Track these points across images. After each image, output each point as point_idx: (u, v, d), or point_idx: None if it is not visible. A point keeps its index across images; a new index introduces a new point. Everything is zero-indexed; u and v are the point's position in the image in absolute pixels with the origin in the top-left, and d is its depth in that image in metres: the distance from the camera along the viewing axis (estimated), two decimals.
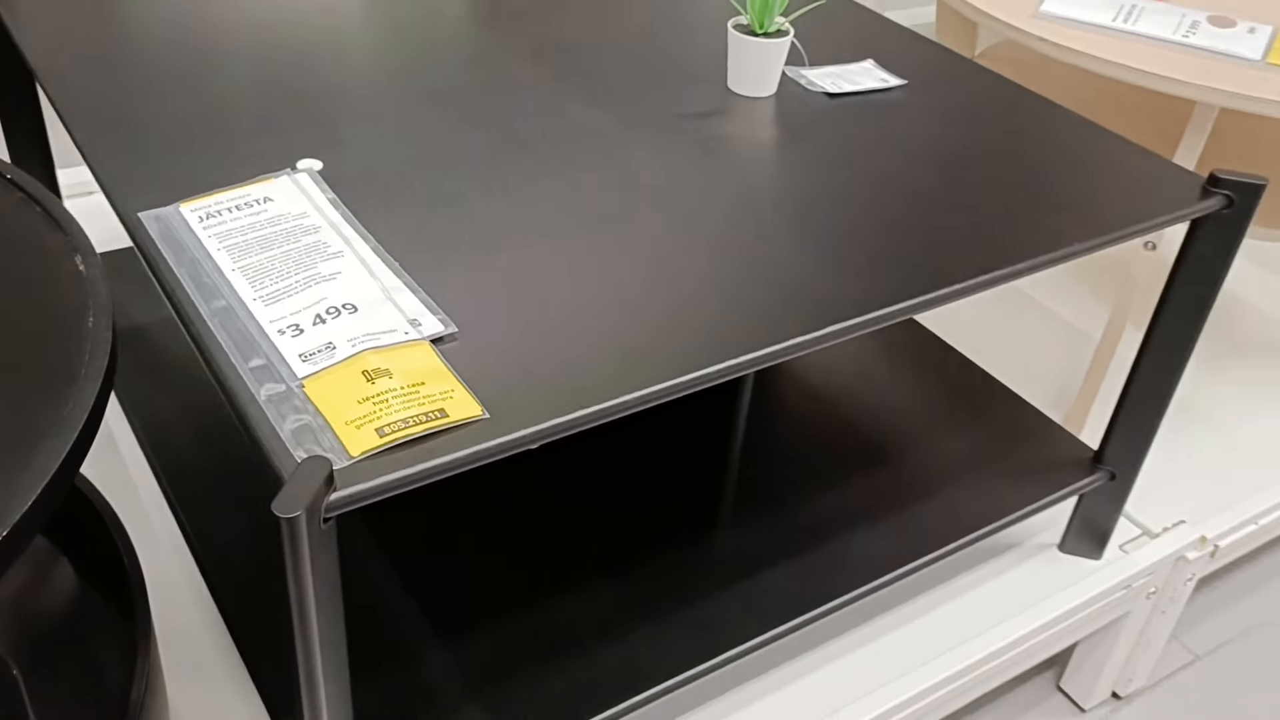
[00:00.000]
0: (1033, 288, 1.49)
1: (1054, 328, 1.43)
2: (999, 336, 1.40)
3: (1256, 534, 1.18)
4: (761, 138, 0.92)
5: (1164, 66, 1.04)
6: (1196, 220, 0.91)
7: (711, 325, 0.70)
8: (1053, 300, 1.47)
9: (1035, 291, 1.49)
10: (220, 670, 0.91)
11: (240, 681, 0.90)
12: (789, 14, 1.10)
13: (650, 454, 1.03)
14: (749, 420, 1.08)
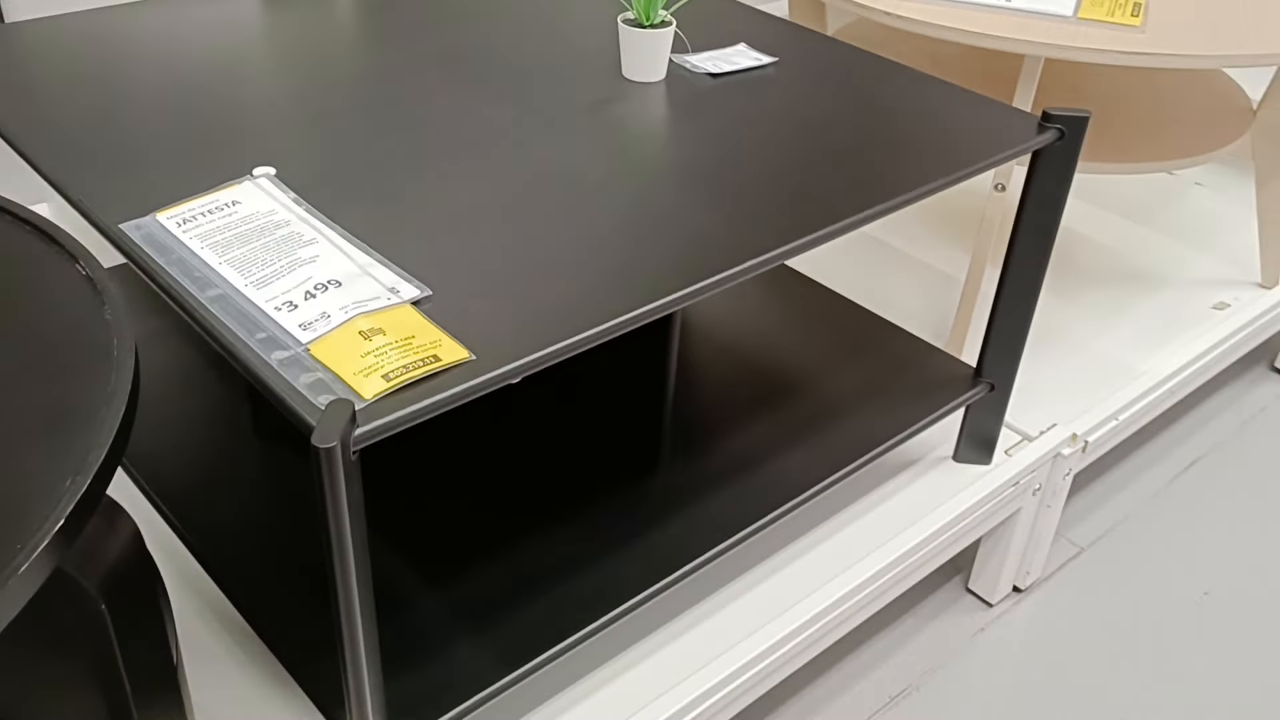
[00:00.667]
0: (905, 244, 1.65)
1: (926, 275, 1.58)
2: (878, 287, 1.55)
3: (1118, 428, 1.35)
4: (659, 115, 1.04)
5: (993, 28, 1.19)
6: (1036, 153, 1.06)
7: (639, 270, 0.81)
8: (923, 253, 1.63)
9: (907, 247, 1.64)
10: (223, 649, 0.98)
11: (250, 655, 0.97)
12: (668, 7, 1.22)
13: (588, 403, 1.14)
14: (673, 366, 1.19)
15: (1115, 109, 1.49)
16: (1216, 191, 1.83)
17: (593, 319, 0.76)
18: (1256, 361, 1.82)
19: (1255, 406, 1.73)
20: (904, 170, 0.98)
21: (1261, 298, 1.56)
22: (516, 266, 0.81)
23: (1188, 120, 1.47)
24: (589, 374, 1.19)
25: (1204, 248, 1.68)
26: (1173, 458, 1.62)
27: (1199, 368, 1.45)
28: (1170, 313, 1.53)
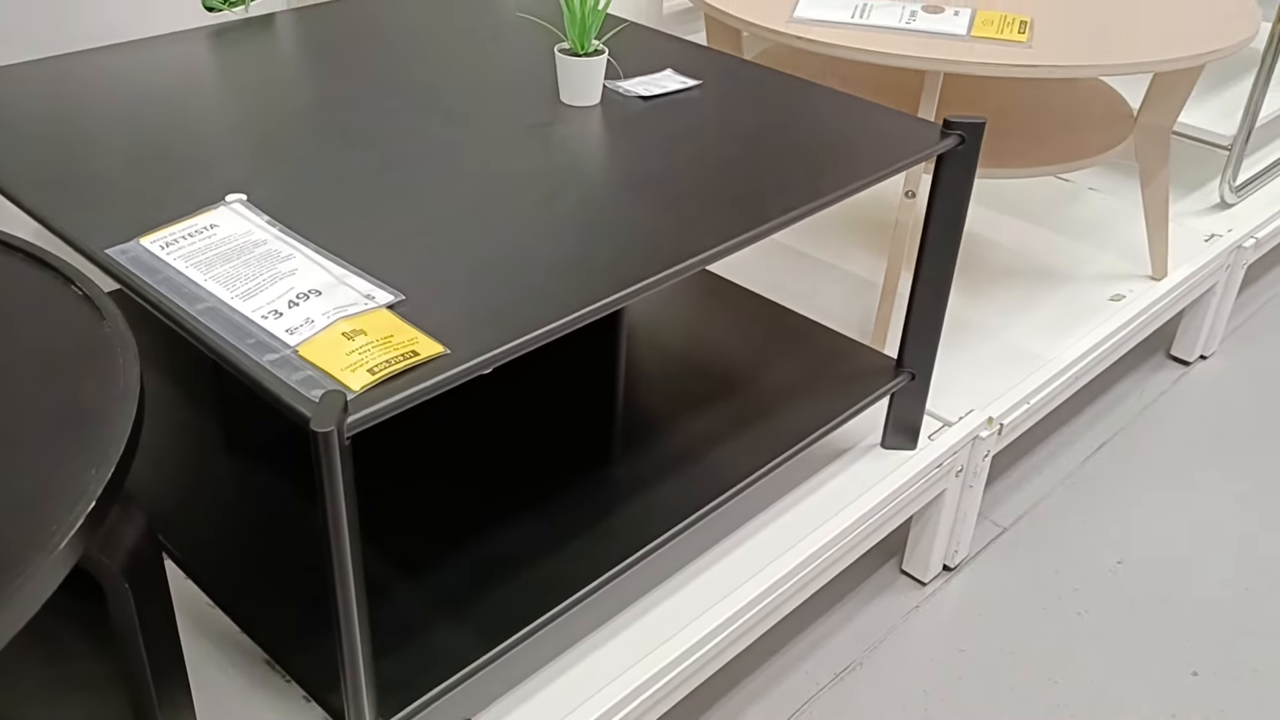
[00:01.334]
0: (825, 254, 1.76)
1: (847, 281, 1.69)
2: (802, 294, 1.65)
3: (1030, 411, 1.46)
4: (598, 133, 1.13)
5: (895, 47, 1.31)
6: (940, 158, 1.17)
7: (594, 268, 0.89)
8: (842, 261, 1.74)
9: (828, 257, 1.75)
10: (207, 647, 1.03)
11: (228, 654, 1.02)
12: (600, 37, 1.31)
13: (543, 401, 1.21)
14: (620, 366, 1.27)
15: (1011, 119, 1.61)
16: (1109, 194, 1.98)
17: (554, 313, 0.84)
18: (1155, 350, 1.96)
19: (1155, 391, 1.87)
20: (824, 175, 1.07)
21: (1153, 289, 1.69)
22: (480, 269, 0.88)
23: (1076, 127, 1.60)
24: (542, 373, 1.26)
25: (1100, 245, 1.81)
26: (1083, 441, 1.74)
27: (1099, 354, 1.57)
28: (1072, 305, 1.65)
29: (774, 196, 1.03)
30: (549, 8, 1.45)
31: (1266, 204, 1.96)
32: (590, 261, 0.91)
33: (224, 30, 1.31)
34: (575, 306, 0.85)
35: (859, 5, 1.41)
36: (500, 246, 0.92)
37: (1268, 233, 1.90)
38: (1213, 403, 1.84)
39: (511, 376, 1.27)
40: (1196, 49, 1.34)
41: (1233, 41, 1.38)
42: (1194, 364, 1.93)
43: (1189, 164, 2.09)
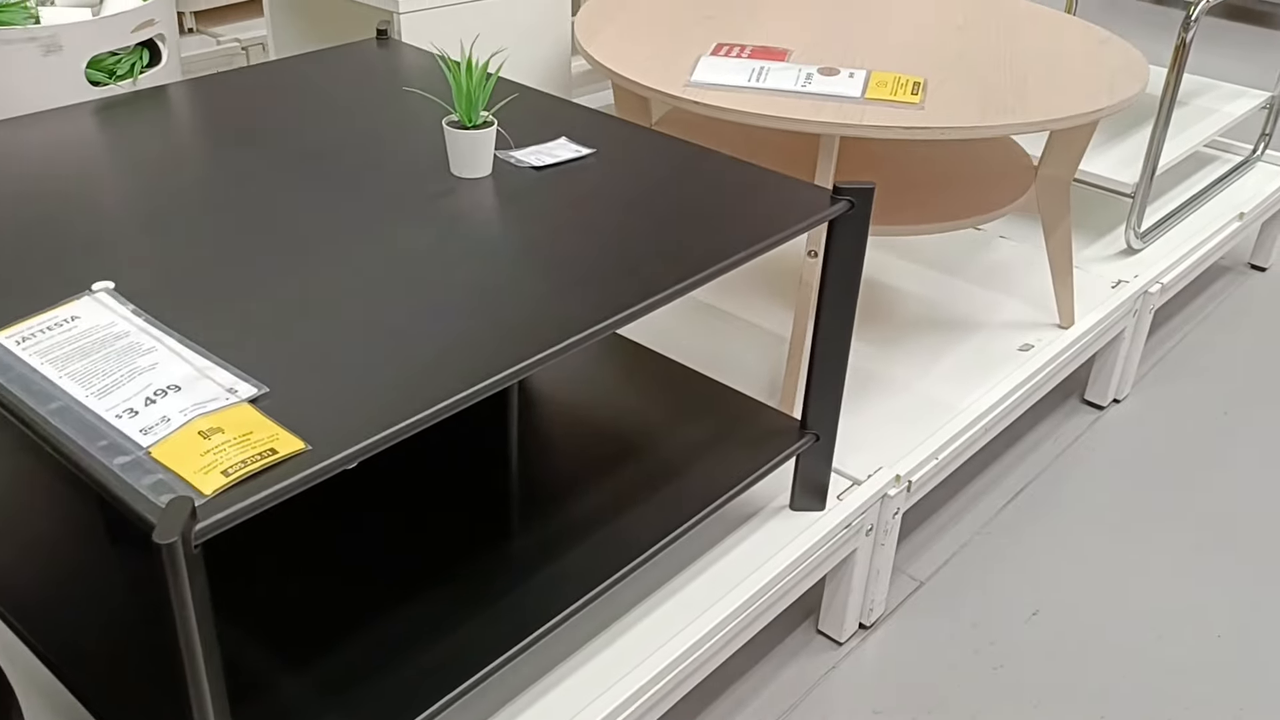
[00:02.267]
0: (738, 309, 1.76)
1: (759, 337, 1.69)
2: (715, 351, 1.64)
3: (939, 466, 1.47)
4: (488, 206, 1.12)
5: (790, 111, 1.31)
6: (832, 222, 1.17)
7: (475, 348, 0.88)
8: (756, 316, 1.74)
9: (741, 312, 1.75)
10: None
11: None
12: (490, 107, 1.31)
13: (437, 471, 1.19)
14: (515, 432, 1.26)
15: (913, 175, 1.63)
16: (1020, 240, 2.00)
17: (426, 400, 0.82)
18: (1070, 394, 1.98)
19: (1070, 436, 1.88)
20: (715, 243, 1.07)
21: (1061, 337, 1.71)
22: (353, 354, 0.86)
23: (978, 181, 1.62)
24: (439, 442, 1.24)
25: (1010, 293, 1.83)
26: (1000, 488, 1.75)
27: (1008, 405, 1.58)
28: (982, 355, 1.66)
29: (663, 267, 1.02)
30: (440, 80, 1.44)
31: (1172, 248, 2.00)
32: (472, 341, 0.89)
33: (110, 104, 1.28)
34: (450, 392, 0.83)
35: (756, 68, 1.42)
36: (379, 328, 0.90)
37: (1174, 277, 1.93)
38: (1127, 447, 1.86)
39: (406, 445, 1.25)
40: (1084, 107, 1.37)
41: (1120, 98, 1.40)
42: (1108, 408, 1.95)
43: (1095, 210, 2.13)
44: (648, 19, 1.61)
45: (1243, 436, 1.90)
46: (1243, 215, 2.12)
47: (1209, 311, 2.26)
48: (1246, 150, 2.37)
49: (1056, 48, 1.58)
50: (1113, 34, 1.66)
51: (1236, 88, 2.36)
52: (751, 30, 1.59)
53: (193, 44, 2.80)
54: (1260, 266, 2.43)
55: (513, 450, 1.24)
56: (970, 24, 1.66)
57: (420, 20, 1.59)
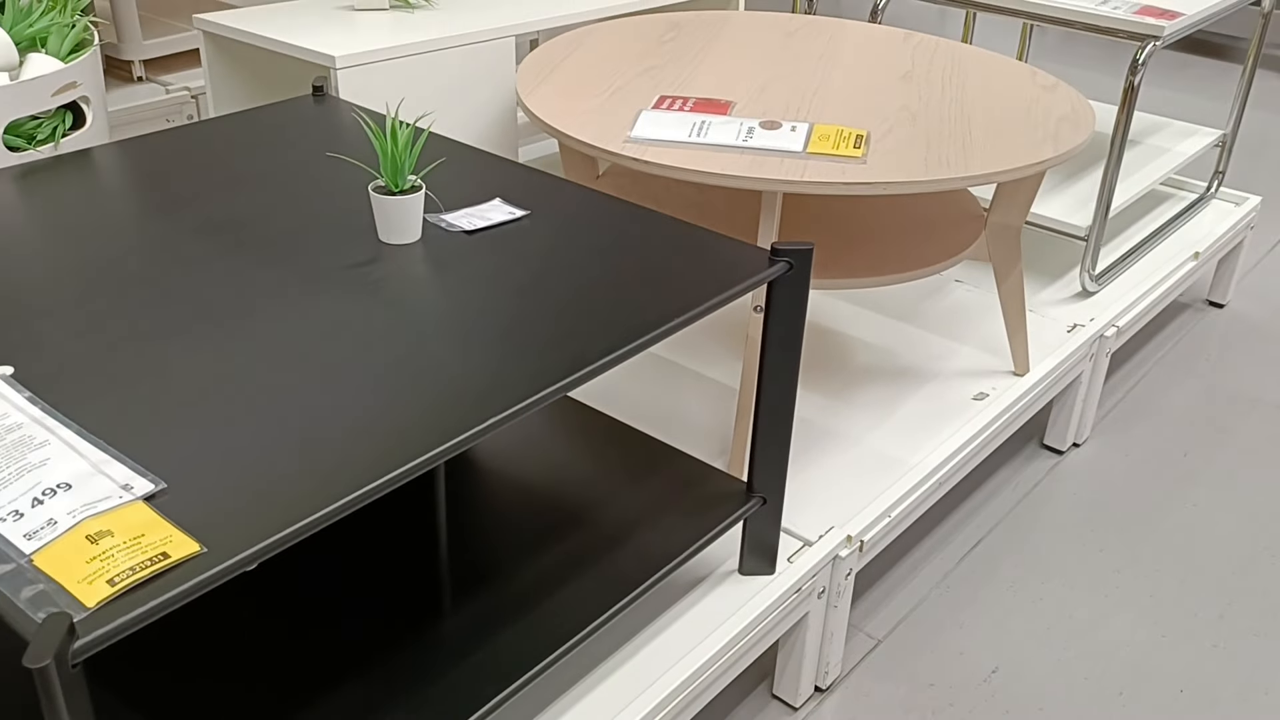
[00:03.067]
0: (691, 361, 1.73)
1: (712, 390, 1.66)
2: (667, 404, 1.61)
3: (892, 524, 1.43)
4: (416, 274, 1.08)
5: (729, 167, 1.29)
6: (771, 283, 1.14)
7: (393, 431, 0.84)
8: (709, 369, 1.71)
9: (694, 364, 1.72)
10: None
11: None
12: (422, 168, 1.28)
13: (366, 548, 1.15)
14: (450, 506, 1.22)
15: (860, 225, 1.61)
16: (974, 286, 1.98)
17: (336, 493, 0.78)
18: (1029, 439, 1.96)
19: (1029, 483, 1.86)
20: (650, 309, 1.04)
21: (1015, 385, 1.69)
22: (261, 442, 0.82)
23: (927, 230, 1.60)
24: (367, 514, 1.20)
25: (964, 340, 1.81)
26: (958, 540, 1.72)
27: (962, 458, 1.55)
28: (936, 405, 1.64)
29: (594, 337, 0.99)
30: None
31: (1128, 289, 1.99)
32: (390, 423, 0.86)
33: (27, 171, 1.25)
34: (363, 482, 0.80)
35: (697, 122, 1.40)
36: (291, 412, 0.86)
37: (1130, 319, 1.92)
38: (1086, 493, 1.84)
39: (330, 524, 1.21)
40: (1028, 159, 1.35)
41: (1064, 149, 1.39)
42: (1067, 452, 1.93)
43: (1050, 252, 2.12)
44: (591, 69, 1.59)
45: (1203, 479, 1.88)
46: (1198, 254, 2.11)
47: (1167, 350, 2.25)
48: (1201, 188, 2.37)
49: (1002, 96, 1.56)
50: (1060, 80, 1.65)
51: (1189, 125, 2.37)
52: (697, 80, 1.57)
53: (142, 93, 2.76)
54: (1218, 303, 2.43)
55: (442, 522, 1.20)
56: (916, 72, 1.65)
57: (359, 75, 1.56)
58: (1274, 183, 3.10)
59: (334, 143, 1.37)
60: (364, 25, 1.69)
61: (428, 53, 1.64)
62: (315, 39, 1.60)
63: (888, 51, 1.73)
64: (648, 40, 1.73)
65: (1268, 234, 2.79)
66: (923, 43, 1.78)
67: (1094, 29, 1.82)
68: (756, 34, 1.79)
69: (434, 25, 1.71)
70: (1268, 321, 2.37)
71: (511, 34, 1.74)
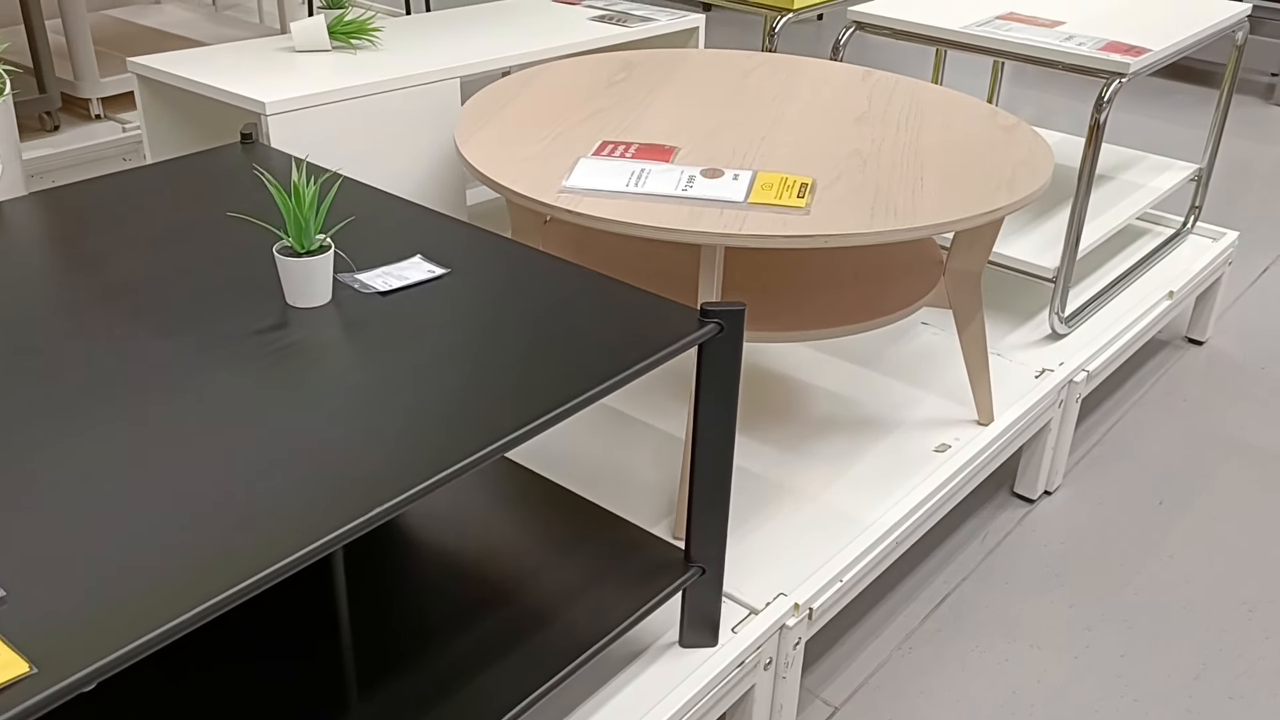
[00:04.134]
0: (640, 412, 1.66)
1: (662, 443, 1.59)
2: (614, 457, 1.55)
3: (843, 591, 1.37)
4: (321, 341, 1.02)
5: (666, 219, 1.23)
6: (702, 345, 1.08)
7: (287, 519, 0.78)
8: (656, 418, 1.64)
9: (641, 413, 1.65)
10: None
11: None
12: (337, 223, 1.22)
13: (274, 635, 1.08)
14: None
15: (812, 272, 1.55)
16: (940, 329, 1.93)
17: (203, 594, 0.72)
18: (999, 486, 1.89)
19: (999, 533, 1.79)
20: (572, 376, 0.98)
21: (979, 435, 1.63)
22: (124, 542, 0.76)
23: (883, 277, 1.54)
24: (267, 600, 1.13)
25: (929, 387, 1.75)
26: (924, 595, 1.65)
27: (920, 516, 1.49)
28: (895, 459, 1.57)
29: (511, 407, 0.93)
30: None
31: (1100, 330, 1.93)
32: (280, 510, 0.79)
33: None
34: (235, 579, 0.73)
35: (637, 170, 1.34)
36: (166, 501, 0.80)
37: (1100, 363, 1.86)
38: (1058, 544, 1.77)
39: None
40: (980, 208, 1.29)
41: (1019, 196, 1.33)
42: (1039, 501, 1.87)
43: (1018, 293, 2.06)
44: (536, 112, 1.53)
45: (1179, 529, 1.81)
46: (1173, 294, 2.06)
47: (1144, 390, 2.19)
48: (1177, 223, 2.32)
49: (960, 138, 1.51)
50: (1024, 119, 1.60)
51: (1165, 160, 2.32)
52: (643, 124, 1.51)
53: (100, 131, 2.71)
54: (1197, 340, 2.37)
55: (345, 600, 1.13)
56: (872, 113, 1.59)
57: (290, 121, 1.51)
58: (1258, 213, 3.04)
59: (259, 194, 1.32)
60: (305, 67, 1.64)
61: (367, 96, 1.59)
62: (247, 83, 1.54)
63: (845, 91, 1.68)
64: (597, 81, 1.67)
65: (1249, 267, 2.73)
66: (882, 81, 1.73)
67: (1058, 65, 1.77)
68: (711, 73, 1.73)
69: (377, 67, 1.65)
70: (1247, 359, 2.31)
71: (456, 75, 1.69)
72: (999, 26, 1.86)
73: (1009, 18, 1.93)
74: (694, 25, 2.06)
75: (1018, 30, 1.84)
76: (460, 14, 1.97)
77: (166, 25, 3.27)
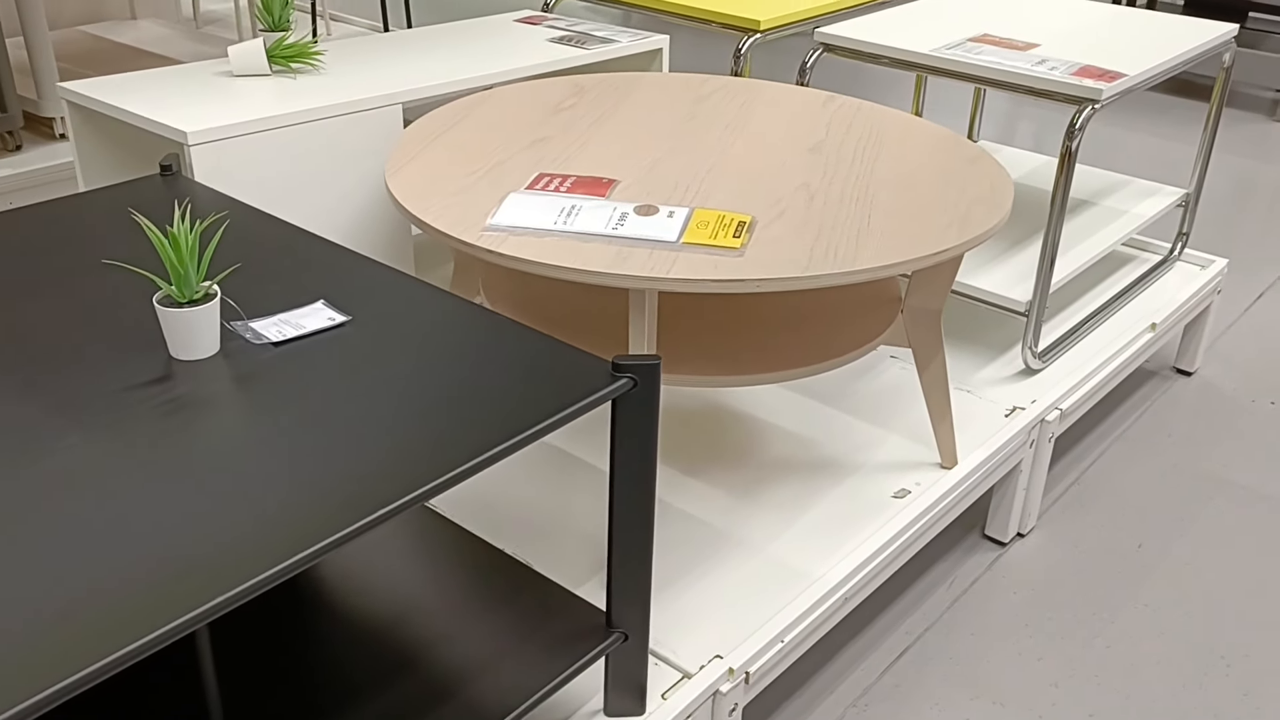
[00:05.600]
0: (579, 449, 1.59)
1: (599, 483, 1.52)
2: (553, 503, 1.47)
3: (784, 652, 1.29)
4: (208, 395, 0.95)
5: (591, 261, 1.16)
6: (615, 400, 1.01)
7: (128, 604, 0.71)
8: (597, 457, 1.57)
9: (582, 451, 1.58)
10: None
11: None
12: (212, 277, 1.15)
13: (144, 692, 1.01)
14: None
15: (764, 311, 1.48)
16: (909, 363, 1.85)
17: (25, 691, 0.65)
18: (971, 527, 1.81)
19: (967, 578, 1.71)
20: (472, 434, 0.91)
21: (941, 480, 1.55)
22: None
23: (839, 315, 1.47)
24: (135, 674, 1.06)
25: (891, 427, 1.67)
26: (885, 645, 1.58)
27: (872, 570, 1.41)
28: (850, 505, 1.50)
29: (403, 470, 0.86)
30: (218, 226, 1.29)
31: (1077, 365, 1.85)
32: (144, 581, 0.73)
33: None
34: (65, 673, 0.66)
35: (566, 207, 1.27)
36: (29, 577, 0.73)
37: (1075, 401, 1.78)
38: (1028, 591, 1.69)
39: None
40: (926, 249, 1.22)
41: (970, 236, 1.26)
42: (1011, 544, 1.79)
43: (992, 326, 1.98)
44: (475, 141, 1.46)
45: (1157, 575, 1.73)
46: (1155, 326, 1.98)
47: (1129, 424, 2.10)
48: (1165, 249, 2.23)
49: (916, 171, 1.43)
50: (984, 150, 1.52)
51: (1151, 184, 2.23)
52: (586, 154, 1.44)
53: (63, 150, 2.66)
54: (1186, 371, 2.29)
55: (207, 667, 1.06)
56: (829, 142, 1.52)
57: (214, 151, 1.44)
58: (1257, 235, 2.95)
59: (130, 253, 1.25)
60: (240, 93, 1.57)
61: (301, 124, 1.52)
62: (172, 111, 1.48)
63: (803, 118, 1.61)
64: (545, 107, 1.61)
65: (1245, 292, 2.64)
66: (844, 107, 1.66)
67: (1029, 91, 1.69)
68: (665, 98, 1.66)
69: (315, 92, 1.59)
70: (1238, 391, 2.23)
71: (398, 101, 1.62)
72: (970, 49, 1.79)
73: (982, 40, 1.85)
74: (657, 47, 1.99)
75: (989, 54, 1.77)
76: (413, 35, 1.91)
77: (142, 42, 3.22)
